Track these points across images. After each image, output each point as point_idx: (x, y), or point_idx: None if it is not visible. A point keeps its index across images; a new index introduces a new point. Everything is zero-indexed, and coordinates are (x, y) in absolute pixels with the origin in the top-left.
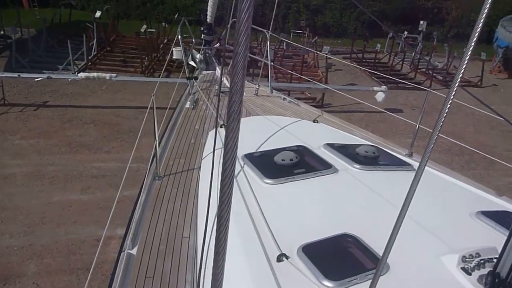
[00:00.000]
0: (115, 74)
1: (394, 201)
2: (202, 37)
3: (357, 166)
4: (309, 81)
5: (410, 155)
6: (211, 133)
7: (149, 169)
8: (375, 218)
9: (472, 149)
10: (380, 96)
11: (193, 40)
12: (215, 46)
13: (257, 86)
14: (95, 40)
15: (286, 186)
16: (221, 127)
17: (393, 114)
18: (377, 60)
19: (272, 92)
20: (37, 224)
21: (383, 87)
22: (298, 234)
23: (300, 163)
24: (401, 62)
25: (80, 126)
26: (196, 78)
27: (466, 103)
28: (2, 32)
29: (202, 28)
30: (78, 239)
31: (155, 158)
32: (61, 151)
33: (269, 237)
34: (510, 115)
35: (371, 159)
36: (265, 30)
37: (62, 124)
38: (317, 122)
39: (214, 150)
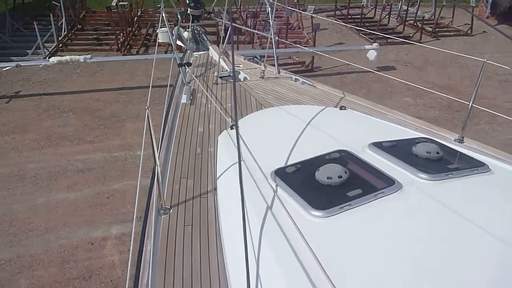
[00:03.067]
0: (89, 56)
1: (482, 222)
2: (188, 12)
3: (424, 175)
4: (296, 46)
5: (461, 141)
6: (221, 137)
7: (151, 200)
8: (463, 251)
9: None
10: (372, 55)
11: (178, 16)
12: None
13: (262, 67)
14: (63, 19)
15: (341, 218)
16: (231, 128)
17: (393, 78)
18: (363, 16)
19: (279, 72)
20: (23, 231)
21: (375, 45)
22: (368, 285)
23: (352, 180)
24: (387, 16)
25: (58, 115)
26: (189, 64)
27: (460, 53)
28: None
29: (187, 1)
30: (70, 244)
31: (156, 185)
32: (40, 145)
33: None
34: (504, 63)
35: (437, 163)
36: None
37: (39, 115)
38: (345, 109)
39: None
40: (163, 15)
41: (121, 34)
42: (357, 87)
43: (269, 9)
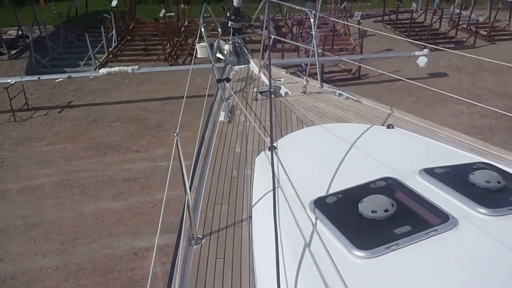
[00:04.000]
0: (137, 67)
1: None
2: (229, 25)
3: (483, 210)
4: (343, 52)
5: None
6: (259, 159)
7: (182, 228)
8: None
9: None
10: (422, 61)
11: (219, 29)
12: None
13: (304, 81)
14: (114, 30)
15: (387, 259)
16: (269, 149)
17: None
18: (413, 20)
19: (322, 86)
20: (71, 240)
21: (425, 51)
22: None
23: (400, 214)
24: (439, 20)
25: (107, 125)
26: (228, 80)
27: None
28: (20, 32)
29: (228, 14)
30: (114, 254)
31: (187, 213)
32: (89, 154)
33: None
34: None
35: (498, 194)
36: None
37: (88, 124)
38: (392, 127)
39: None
40: (202, 29)
41: (168, 44)
42: (406, 94)
43: (312, 19)
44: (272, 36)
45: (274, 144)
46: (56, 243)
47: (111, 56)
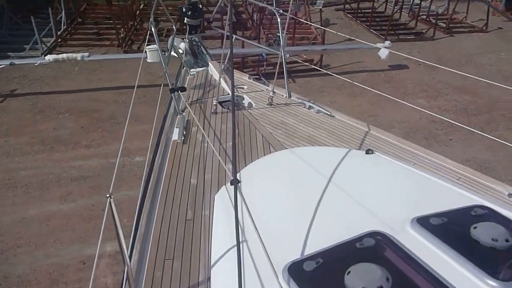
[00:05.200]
0: (87, 54)
1: None
2: (185, 22)
3: (494, 282)
4: (305, 42)
5: None
6: (219, 197)
7: None
8: None
9: None
10: (384, 53)
11: (174, 27)
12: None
13: (271, 92)
14: (63, 12)
15: None
16: (231, 183)
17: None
18: (374, 10)
19: (290, 95)
20: (12, 247)
21: (387, 43)
22: None
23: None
24: (399, 11)
25: (54, 117)
26: (183, 89)
27: (475, 51)
28: None
29: (183, 9)
30: (60, 263)
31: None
32: (34, 150)
33: None
34: None
35: (507, 257)
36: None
37: (34, 116)
38: (372, 152)
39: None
40: (152, 29)
41: (122, 29)
42: (368, 86)
43: (278, 18)
44: (234, 37)
45: (238, 177)
46: None
47: (59, 40)
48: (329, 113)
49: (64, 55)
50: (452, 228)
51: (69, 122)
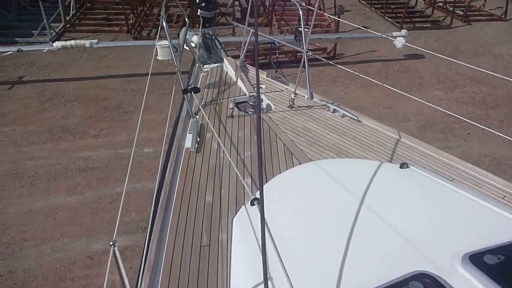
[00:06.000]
0: (96, 40)
1: None
2: (198, 14)
3: None
4: (318, 29)
5: None
6: (237, 220)
7: None
8: None
9: None
10: (399, 42)
11: (186, 19)
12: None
13: (292, 93)
14: None
15: None
16: (251, 204)
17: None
18: None
19: (312, 97)
20: (18, 241)
21: (403, 32)
22: None
23: None
24: None
25: (62, 105)
26: (196, 90)
27: (493, 40)
28: None
29: (197, 1)
30: (67, 258)
31: None
32: (41, 139)
33: None
34: None
35: None
36: None
37: (41, 104)
38: (407, 166)
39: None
40: (164, 24)
41: (132, 15)
42: (383, 77)
43: (300, 12)
44: (259, 33)
45: (258, 196)
46: (1, 245)
47: (68, 26)
48: (355, 118)
49: (73, 42)
50: (511, 269)
51: (77, 110)
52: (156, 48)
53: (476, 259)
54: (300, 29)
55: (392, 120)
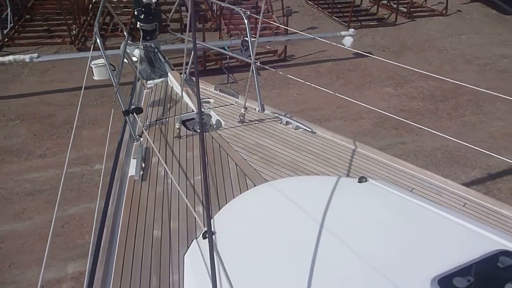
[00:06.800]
0: (36, 54)
1: None
2: (138, 26)
3: None
4: (267, 32)
5: None
6: (189, 256)
7: None
8: None
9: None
10: (348, 41)
11: (125, 32)
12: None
13: (242, 108)
14: (9, 9)
15: None
16: (203, 237)
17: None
18: None
19: (263, 109)
20: None
21: (351, 31)
22: None
23: None
24: None
25: (4, 124)
26: (139, 111)
27: (436, 35)
28: None
29: (135, 12)
30: None
31: None
32: None
33: None
34: (483, 45)
35: None
36: None
37: None
38: (365, 180)
39: None
40: (98, 40)
41: (74, 25)
42: (334, 77)
43: (246, 20)
44: (198, 44)
45: (212, 225)
46: None
47: (6, 40)
48: (309, 130)
49: (11, 57)
50: None
51: (21, 129)
52: (91, 67)
53: (446, 284)
54: (247, 38)
55: (347, 119)
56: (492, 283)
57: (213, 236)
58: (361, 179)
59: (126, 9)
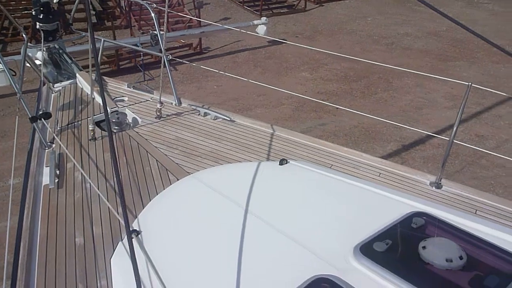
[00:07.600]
0: None
1: None
2: (38, 27)
3: None
4: (180, 26)
5: (438, 185)
6: (115, 259)
7: None
8: None
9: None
10: (262, 29)
11: (24, 35)
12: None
13: (158, 103)
14: None
15: None
16: (132, 234)
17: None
18: None
19: (180, 103)
20: None
21: (264, 19)
22: None
23: None
24: None
25: None
26: (48, 116)
27: (344, 18)
28: None
29: (33, 12)
30: None
31: None
32: None
33: None
34: (387, 25)
35: (465, 279)
36: None
37: None
38: (286, 162)
39: None
40: None
41: None
42: (252, 66)
43: (153, 14)
44: (103, 40)
45: (136, 226)
46: None
47: None
48: (228, 118)
49: None
50: (400, 253)
51: None
52: None
53: (367, 250)
54: (156, 32)
55: (268, 106)
56: (408, 242)
57: (139, 235)
58: (282, 161)
59: (26, 11)
